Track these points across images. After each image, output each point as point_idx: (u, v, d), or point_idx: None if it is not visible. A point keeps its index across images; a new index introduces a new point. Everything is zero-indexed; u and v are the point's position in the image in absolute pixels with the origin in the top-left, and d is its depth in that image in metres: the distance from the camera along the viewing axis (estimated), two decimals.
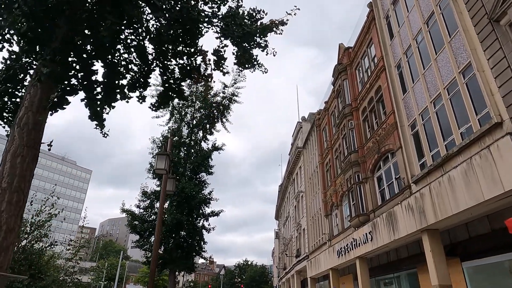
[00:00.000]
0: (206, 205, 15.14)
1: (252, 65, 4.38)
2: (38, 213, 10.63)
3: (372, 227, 15.77)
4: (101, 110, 3.71)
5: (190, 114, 16.83)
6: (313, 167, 29.80)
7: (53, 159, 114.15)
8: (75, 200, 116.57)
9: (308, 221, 30.70)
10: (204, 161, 15.75)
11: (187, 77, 4.13)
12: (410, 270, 16.80)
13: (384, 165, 16.55)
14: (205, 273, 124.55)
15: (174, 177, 11.67)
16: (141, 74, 4.00)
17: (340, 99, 22.19)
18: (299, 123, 38.55)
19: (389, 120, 15.41)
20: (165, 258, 14.16)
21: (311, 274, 27.53)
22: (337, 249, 20.82)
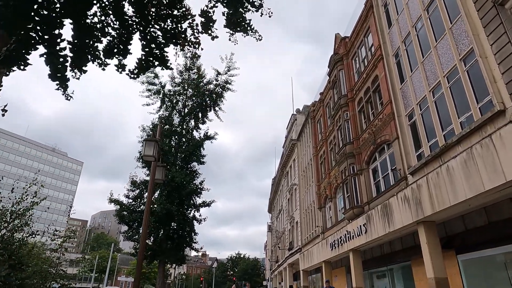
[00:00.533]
0: (197, 195, 14.70)
1: (244, 30, 3.91)
2: (18, 201, 10.07)
3: (367, 220, 15.51)
4: (63, 69, 3.20)
5: (182, 102, 16.27)
6: (307, 159, 29.49)
7: (44, 150, 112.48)
8: (66, 192, 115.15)
9: (301, 214, 30.47)
10: (196, 150, 15.23)
11: (171, 43, 3.68)
12: (403, 263, 16.63)
13: (379, 156, 16.25)
14: (198, 266, 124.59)
15: (163, 165, 11.19)
16: (120, 39, 3.53)
17: (335, 90, 21.80)
18: (293, 116, 38.14)
19: (386, 110, 15.07)
20: (155, 249, 13.71)
21: (303, 266, 27.37)
22: (330, 241, 20.60)
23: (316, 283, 30.70)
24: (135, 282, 8.95)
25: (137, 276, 9.04)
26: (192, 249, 14.59)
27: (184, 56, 14.72)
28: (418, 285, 14.72)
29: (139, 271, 9.15)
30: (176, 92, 16.01)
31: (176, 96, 16.14)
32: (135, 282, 8.94)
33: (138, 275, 9.06)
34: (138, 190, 14.30)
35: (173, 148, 15.20)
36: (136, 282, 8.93)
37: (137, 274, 9.03)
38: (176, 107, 16.01)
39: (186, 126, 16.01)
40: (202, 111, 16.24)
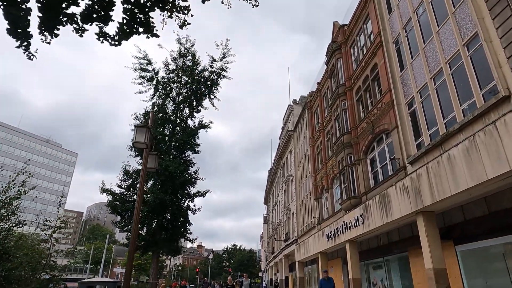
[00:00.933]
0: (192, 185, 14.34)
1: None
2: (5, 190, 9.67)
3: (364, 210, 15.29)
4: (25, 23, 2.77)
5: (176, 90, 15.80)
6: (304, 150, 29.21)
7: (37, 141, 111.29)
8: (60, 183, 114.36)
9: (298, 205, 30.31)
10: (190, 138, 14.81)
11: (157, 7, 3.29)
12: (400, 254, 16.49)
13: (378, 146, 15.98)
14: (193, 257, 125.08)
15: (156, 154, 10.82)
16: (100, 3, 3.12)
17: (333, 79, 21.41)
18: (290, 106, 37.75)
19: (385, 98, 14.74)
20: (148, 240, 13.39)
21: (299, 258, 27.28)
22: (326, 232, 20.43)
23: (312, 274, 30.71)
24: (126, 272, 8.65)
25: (129, 266, 8.73)
26: (186, 239, 14.29)
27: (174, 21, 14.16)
28: (415, 276, 14.60)
29: (131, 261, 8.84)
30: (170, 79, 15.53)
31: (170, 84, 15.67)
32: (126, 272, 8.64)
33: (129, 266, 8.76)
34: (131, 180, 13.92)
35: (166, 137, 14.78)
36: (127, 273, 8.63)
37: (128, 264, 8.72)
38: (170, 95, 15.55)
39: (180, 115, 15.57)
40: (196, 99, 15.80)
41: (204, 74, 15.65)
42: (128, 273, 8.69)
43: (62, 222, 12.41)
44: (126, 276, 8.62)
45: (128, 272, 8.72)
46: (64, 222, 12.38)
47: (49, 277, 12.04)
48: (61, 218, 12.53)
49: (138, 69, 14.94)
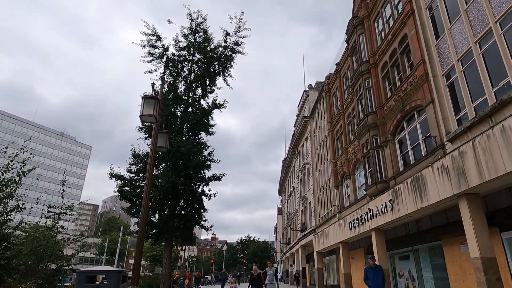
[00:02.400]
0: (206, 168, 13.24)
1: None
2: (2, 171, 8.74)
3: (393, 195, 14.00)
4: None
5: (188, 68, 14.69)
6: (321, 136, 27.85)
7: (52, 135, 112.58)
8: (75, 176, 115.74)
9: (315, 193, 29.08)
10: (203, 118, 13.72)
11: None
12: (432, 243, 15.19)
13: (408, 125, 14.57)
14: (207, 249, 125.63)
15: (166, 131, 9.75)
16: None
17: (355, 57, 19.94)
18: (305, 92, 36.29)
19: (418, 72, 13.30)
20: (160, 227, 12.43)
21: (318, 248, 26.16)
22: (348, 221, 19.21)
23: (330, 265, 29.59)
24: (135, 261, 7.66)
25: (138, 254, 7.73)
26: (201, 227, 13.25)
27: None
28: (451, 266, 13.30)
29: (140, 249, 7.84)
30: (181, 56, 14.41)
31: (181, 62, 14.55)
32: (135, 261, 7.65)
33: (139, 254, 7.76)
34: (141, 164, 12.95)
35: (178, 119, 13.72)
36: (136, 262, 7.64)
37: (137, 252, 7.73)
38: (182, 73, 14.43)
39: (192, 94, 14.47)
40: (209, 77, 14.64)
41: (217, 50, 14.45)
42: (137, 262, 7.69)
43: (67, 208, 11.55)
44: (135, 266, 7.63)
45: (137, 261, 7.73)
46: (69, 207, 11.50)
47: (56, 267, 11.19)
48: (66, 204, 11.64)
49: (147, 45, 13.86)
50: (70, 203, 11.78)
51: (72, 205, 11.58)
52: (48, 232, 11.82)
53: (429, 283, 15.56)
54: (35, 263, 11.02)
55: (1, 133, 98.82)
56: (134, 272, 7.59)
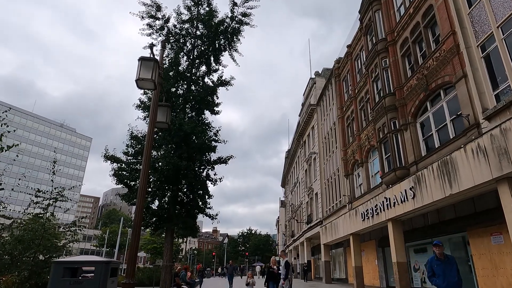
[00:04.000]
0: (211, 150, 11.93)
1: None
2: None
3: (415, 182, 12.77)
4: None
5: (191, 43, 13.37)
6: (330, 124, 26.56)
7: (52, 126, 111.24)
8: (75, 167, 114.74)
9: (322, 184, 27.87)
10: (208, 96, 12.42)
11: None
12: (455, 234, 14.03)
13: (432, 105, 13.28)
14: (209, 241, 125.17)
15: (167, 105, 8.50)
16: None
17: (369, 36, 18.57)
18: (311, 80, 34.89)
19: (446, 45, 11.97)
20: (161, 215, 11.23)
21: (325, 240, 25.04)
22: (361, 211, 18.03)
23: (336, 258, 28.52)
24: (131, 251, 6.44)
25: (134, 244, 6.51)
26: (205, 215, 12.04)
27: None
28: (478, 260, 12.12)
29: (136, 238, 6.61)
30: (183, 29, 13.09)
31: (184, 36, 13.24)
32: (131, 252, 6.44)
33: (135, 243, 6.54)
34: (139, 146, 11.69)
35: (180, 98, 12.42)
36: (133, 250, 6.43)
37: (133, 241, 6.50)
38: (184, 48, 13.12)
39: (195, 71, 13.16)
40: (214, 53, 13.34)
41: (224, 23, 13.10)
42: (133, 252, 6.49)
43: (58, 194, 10.37)
44: (131, 256, 6.42)
45: (134, 251, 6.52)
46: (60, 193, 10.31)
47: (45, 258, 10.05)
48: (57, 189, 10.45)
49: (146, 16, 12.51)
50: (60, 188, 10.60)
51: (63, 190, 10.42)
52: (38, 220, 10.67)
53: None
54: (21, 253, 9.91)
55: None
56: (129, 264, 6.39)
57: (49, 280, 4.42)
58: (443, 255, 6.64)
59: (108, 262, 4.69)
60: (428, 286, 15.96)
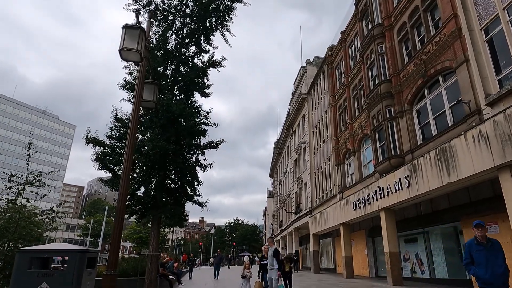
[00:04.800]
0: (201, 134, 11.20)
1: None
2: None
3: (411, 171, 12.46)
4: None
5: (180, 21, 12.56)
6: (321, 113, 26.12)
7: (33, 112, 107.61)
8: (58, 155, 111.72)
9: (312, 174, 27.56)
10: (198, 77, 11.65)
11: None
12: (448, 224, 13.88)
13: (430, 92, 12.91)
14: (195, 231, 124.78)
15: (155, 82, 7.78)
16: None
17: (365, 22, 18.06)
18: (302, 68, 34.29)
19: (447, 28, 11.54)
20: (147, 202, 10.55)
21: (314, 230, 24.83)
22: (352, 201, 17.76)
23: (324, 248, 28.46)
24: (113, 238, 5.82)
25: (116, 231, 5.88)
26: (194, 203, 11.41)
27: None
28: None
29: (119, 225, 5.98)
30: (171, 6, 12.24)
31: (173, 14, 12.39)
32: (113, 238, 5.81)
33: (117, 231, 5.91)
34: (124, 129, 10.93)
35: (168, 78, 11.63)
36: (115, 238, 5.80)
37: (115, 229, 5.88)
38: (173, 26, 12.30)
39: (185, 51, 12.38)
40: (205, 33, 12.57)
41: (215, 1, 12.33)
42: (116, 240, 5.86)
43: (35, 177, 9.57)
44: (112, 245, 5.80)
45: (116, 239, 5.89)
46: (36, 177, 9.52)
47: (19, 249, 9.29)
48: (33, 173, 9.65)
49: None
50: (37, 172, 9.81)
51: (40, 174, 9.64)
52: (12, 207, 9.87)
53: (440, 268, 14.32)
54: None
55: None
56: (111, 253, 5.76)
57: (12, 272, 3.76)
58: (486, 239, 5.10)
59: (84, 251, 4.07)
60: (417, 276, 15.95)
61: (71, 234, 79.15)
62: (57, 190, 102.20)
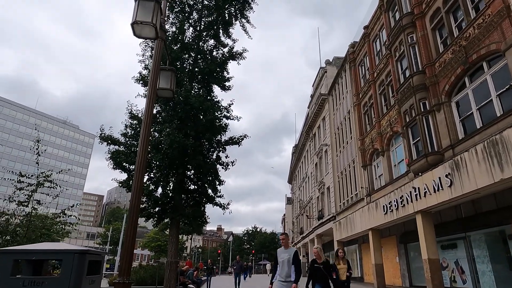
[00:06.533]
0: (222, 129, 10.29)
1: None
2: None
3: (452, 168, 11.22)
4: None
5: (197, 13, 11.88)
6: (343, 113, 24.98)
7: (55, 123, 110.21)
8: (78, 165, 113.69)
9: (335, 177, 26.31)
10: (217, 68, 10.83)
11: None
12: (494, 228, 12.48)
13: (472, 81, 11.69)
14: (213, 239, 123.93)
15: (172, 69, 7.00)
16: None
17: (392, 13, 16.98)
18: (322, 69, 33.26)
19: (492, 8, 10.38)
20: (165, 203, 9.73)
21: (339, 237, 23.50)
22: (383, 204, 16.50)
23: (349, 255, 26.97)
24: (126, 240, 4.98)
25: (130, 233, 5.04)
26: (215, 204, 10.47)
27: None
28: None
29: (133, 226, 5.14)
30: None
31: (190, 6, 11.72)
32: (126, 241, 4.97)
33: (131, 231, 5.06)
34: (139, 127, 10.24)
35: (187, 69, 10.89)
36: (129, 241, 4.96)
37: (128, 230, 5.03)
38: (191, 18, 11.62)
39: (203, 45, 11.65)
40: (224, 25, 11.83)
41: None
42: (129, 244, 5.00)
43: (45, 178, 8.95)
44: (125, 250, 4.95)
45: (130, 242, 5.03)
46: (47, 176, 8.89)
47: None
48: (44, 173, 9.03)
49: None
50: (48, 172, 9.19)
51: (51, 174, 9.00)
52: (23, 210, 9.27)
53: (486, 277, 12.84)
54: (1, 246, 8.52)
55: (2, 120, 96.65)
56: (124, 258, 4.90)
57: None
58: None
59: (83, 252, 3.22)
60: (458, 286, 14.47)
61: (90, 243, 79.74)
62: (78, 199, 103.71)
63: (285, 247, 6.47)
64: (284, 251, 6.38)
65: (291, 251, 6.33)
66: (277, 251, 6.56)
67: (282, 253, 6.37)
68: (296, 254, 6.34)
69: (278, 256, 6.42)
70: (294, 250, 6.38)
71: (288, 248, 6.48)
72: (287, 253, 6.30)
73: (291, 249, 6.42)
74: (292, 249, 6.42)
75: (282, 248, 6.55)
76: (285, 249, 6.44)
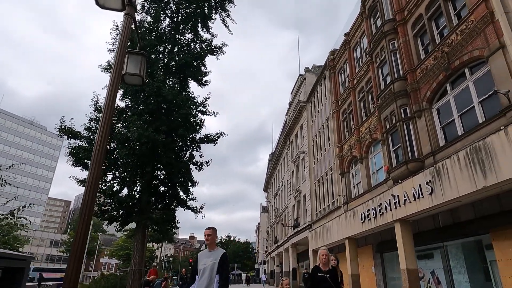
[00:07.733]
0: (198, 125, 9.46)
1: None
2: None
3: (433, 175, 10.98)
4: None
5: (175, 4, 11.15)
6: (322, 120, 24.77)
7: (20, 122, 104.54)
8: (44, 168, 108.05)
9: (312, 185, 25.94)
10: (193, 61, 10.04)
11: None
12: (471, 238, 12.33)
13: (453, 88, 11.58)
14: (185, 248, 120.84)
15: (142, 53, 6.22)
16: None
17: (373, 19, 16.94)
18: (301, 76, 33.18)
19: (475, 14, 10.33)
20: (130, 205, 8.74)
21: (315, 246, 22.98)
22: (360, 212, 16.15)
23: None
24: (75, 244, 4.12)
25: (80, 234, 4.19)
26: (187, 208, 9.57)
27: None
28: (504, 267, 10.37)
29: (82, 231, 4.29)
30: None
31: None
32: (75, 244, 4.12)
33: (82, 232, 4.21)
34: None
35: (161, 61, 10.05)
36: (77, 244, 4.11)
37: (77, 233, 4.19)
38: (167, 8, 10.87)
39: (180, 37, 10.90)
40: (203, 18, 11.15)
41: None
42: (77, 247, 4.15)
43: None
44: (73, 254, 4.08)
45: (78, 246, 4.17)
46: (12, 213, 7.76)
47: None
48: None
49: None
50: None
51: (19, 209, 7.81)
52: None
53: (462, 287, 12.68)
54: None
55: None
56: (71, 265, 4.03)
57: None
58: None
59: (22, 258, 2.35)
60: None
61: (53, 250, 75.34)
62: (42, 203, 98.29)
63: (209, 249, 4.67)
64: (208, 254, 4.56)
65: (217, 254, 4.49)
66: (198, 254, 4.73)
67: (205, 258, 4.54)
68: (225, 258, 4.51)
69: (199, 261, 4.57)
70: (222, 253, 4.56)
71: (213, 249, 4.61)
72: (211, 257, 4.47)
73: (217, 251, 4.57)
74: (219, 251, 4.58)
75: (205, 250, 4.73)
76: (209, 251, 4.62)
